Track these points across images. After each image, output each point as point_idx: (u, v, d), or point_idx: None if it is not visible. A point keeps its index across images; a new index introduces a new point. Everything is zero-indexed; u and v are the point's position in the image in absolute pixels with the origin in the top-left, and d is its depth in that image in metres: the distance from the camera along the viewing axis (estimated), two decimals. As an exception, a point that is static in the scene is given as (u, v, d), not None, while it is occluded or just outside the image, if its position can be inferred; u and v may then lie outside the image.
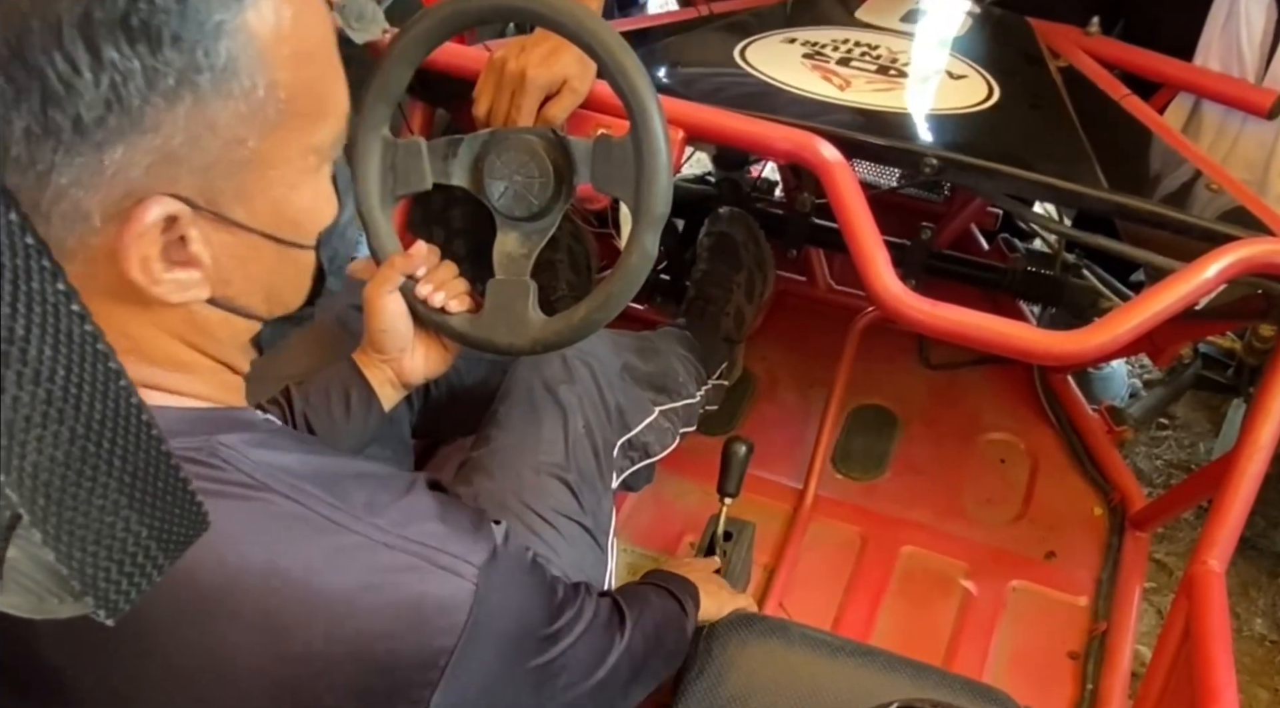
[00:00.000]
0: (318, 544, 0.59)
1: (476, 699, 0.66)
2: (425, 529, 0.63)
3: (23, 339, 0.32)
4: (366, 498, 0.62)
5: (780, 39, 1.42)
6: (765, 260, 1.60)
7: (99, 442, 0.34)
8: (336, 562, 0.59)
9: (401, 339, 0.99)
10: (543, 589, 0.74)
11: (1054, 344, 1.02)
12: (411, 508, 0.64)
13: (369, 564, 0.60)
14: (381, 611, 0.59)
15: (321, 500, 0.60)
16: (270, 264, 0.60)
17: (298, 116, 0.56)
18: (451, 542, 0.63)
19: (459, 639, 0.61)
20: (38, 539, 0.33)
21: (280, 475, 0.59)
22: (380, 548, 0.60)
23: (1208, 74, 1.42)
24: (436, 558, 0.61)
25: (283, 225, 0.59)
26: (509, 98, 1.04)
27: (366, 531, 0.60)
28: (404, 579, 0.60)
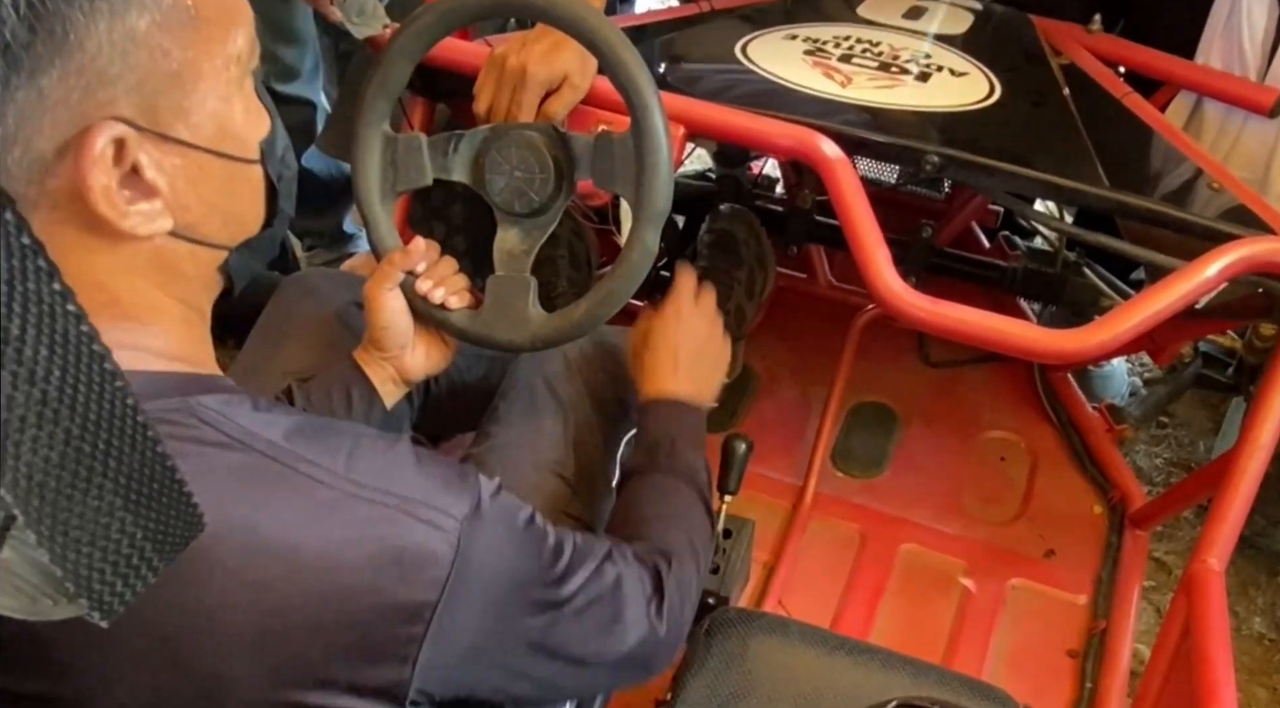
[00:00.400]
0: (297, 500, 0.59)
1: (468, 656, 0.66)
2: (405, 483, 0.63)
3: (18, 339, 0.31)
4: (346, 453, 0.62)
5: (782, 35, 1.42)
6: (766, 257, 1.59)
7: (94, 442, 0.34)
8: (316, 517, 0.59)
9: (402, 336, 0.98)
10: (538, 548, 0.72)
11: (1054, 342, 1.02)
12: (392, 462, 0.64)
13: (348, 518, 0.60)
14: (362, 565, 0.60)
15: (300, 457, 0.60)
16: (221, 183, 0.63)
17: (208, 23, 0.58)
18: (432, 495, 0.63)
19: (441, 593, 0.61)
20: (32, 540, 0.32)
21: (258, 434, 0.60)
22: (360, 502, 0.61)
23: (1209, 72, 1.41)
24: (416, 511, 0.62)
25: (225, 140, 0.62)
26: (510, 93, 1.04)
27: (345, 485, 0.61)
28: (383, 533, 0.60)
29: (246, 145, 0.65)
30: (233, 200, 0.65)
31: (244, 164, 0.65)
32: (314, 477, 0.60)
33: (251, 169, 0.66)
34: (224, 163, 0.63)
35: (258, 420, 0.61)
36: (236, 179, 0.65)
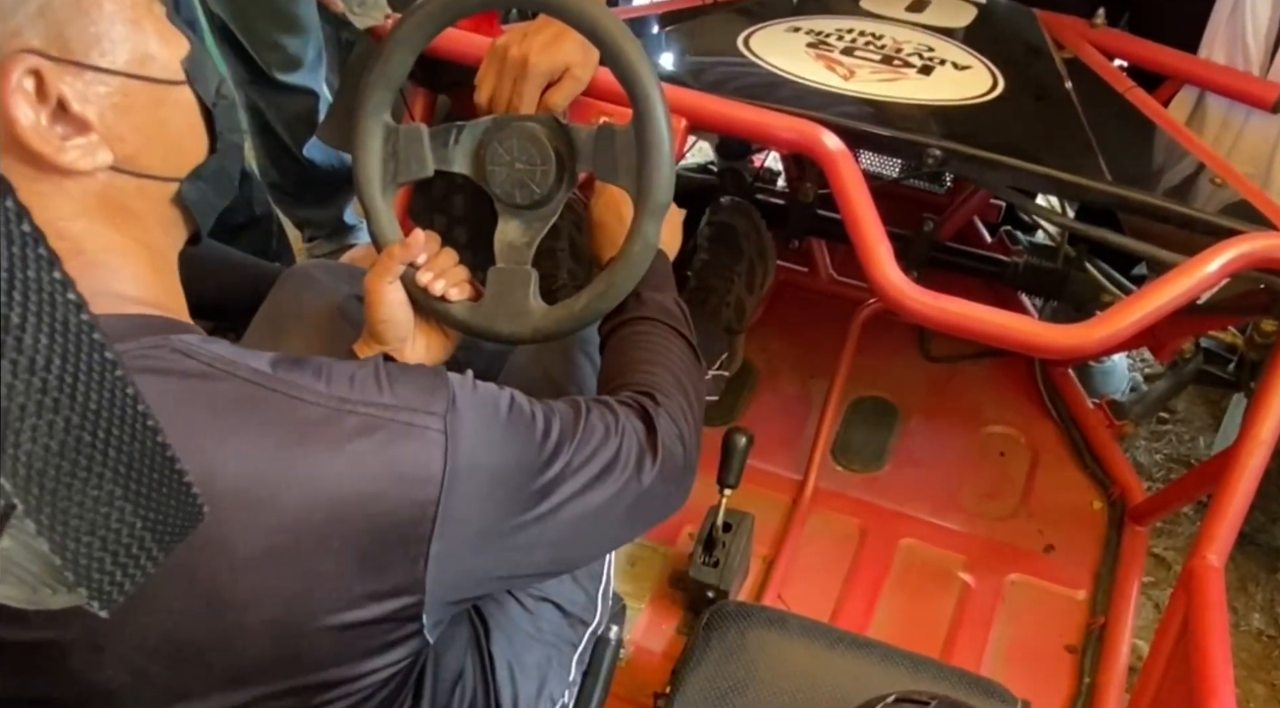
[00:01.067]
0: (282, 421, 0.61)
1: (478, 543, 0.67)
2: (384, 393, 0.65)
3: (18, 328, 0.31)
4: (325, 375, 0.64)
5: (784, 28, 1.41)
6: (767, 251, 1.59)
7: (94, 432, 0.34)
8: (306, 434, 0.61)
9: (402, 329, 0.98)
10: (526, 429, 0.73)
11: (1055, 338, 1.02)
12: (366, 378, 0.66)
13: (337, 432, 0.61)
14: (356, 475, 0.61)
15: (281, 380, 0.62)
16: (151, 109, 0.64)
17: None
18: (411, 399, 0.65)
19: (441, 488, 0.63)
20: (31, 529, 0.32)
21: (239, 362, 0.62)
22: (344, 415, 0.62)
23: (1213, 67, 1.41)
24: (399, 416, 0.63)
25: (145, 62, 0.63)
26: (511, 84, 1.04)
27: (329, 402, 0.62)
28: (372, 443, 0.62)
29: (168, 67, 0.65)
30: (167, 127, 0.66)
31: (170, 86, 0.65)
32: (298, 397, 0.62)
33: (180, 91, 0.66)
34: (149, 87, 0.63)
35: (237, 352, 0.63)
36: (166, 103, 0.65)
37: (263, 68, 1.83)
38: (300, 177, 2.02)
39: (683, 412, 0.87)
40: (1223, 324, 1.38)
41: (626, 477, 0.78)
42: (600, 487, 0.76)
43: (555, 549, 0.75)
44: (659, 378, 0.89)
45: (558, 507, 0.73)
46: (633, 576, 1.43)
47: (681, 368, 0.92)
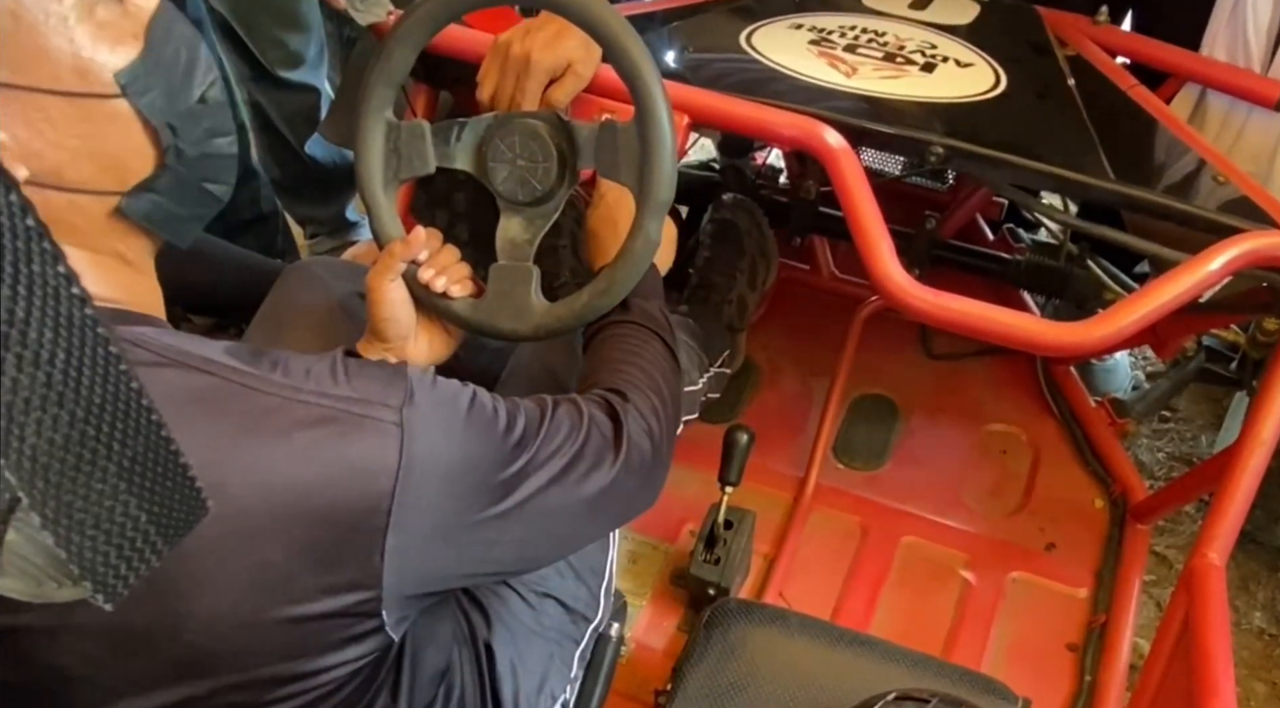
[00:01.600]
0: (233, 409, 0.60)
1: (435, 538, 0.66)
2: (340, 386, 0.63)
3: (23, 322, 0.31)
4: (281, 365, 0.63)
5: (787, 25, 1.41)
6: (768, 248, 1.59)
7: (99, 426, 0.34)
8: (255, 424, 0.60)
9: (404, 327, 0.98)
10: (487, 425, 0.71)
11: (1057, 335, 1.02)
12: (322, 370, 0.64)
13: (289, 422, 0.60)
14: (307, 466, 0.60)
15: (234, 369, 0.61)
16: (74, 124, 0.59)
17: None
18: (368, 392, 0.64)
19: (395, 481, 0.62)
20: (36, 523, 0.32)
21: (191, 352, 0.60)
22: (295, 405, 0.61)
23: (1215, 64, 1.41)
24: (353, 408, 0.62)
25: (63, 76, 0.58)
26: (513, 81, 1.04)
27: (279, 390, 0.61)
28: (324, 433, 0.61)
29: (94, 78, 0.60)
30: (99, 142, 0.61)
31: (99, 100, 0.60)
32: (250, 385, 0.60)
33: (112, 105, 0.61)
34: (70, 101, 0.59)
35: (191, 342, 0.61)
36: (95, 118, 0.60)
37: (264, 64, 1.83)
38: (302, 173, 2.02)
39: (654, 409, 0.86)
40: (1225, 322, 1.38)
41: (590, 471, 0.77)
42: (564, 482, 0.75)
43: (520, 546, 0.74)
44: (630, 376, 0.88)
45: (521, 503, 0.72)
46: (634, 573, 1.43)
47: (656, 368, 0.91)
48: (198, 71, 0.67)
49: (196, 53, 0.67)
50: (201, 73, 0.67)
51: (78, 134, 0.59)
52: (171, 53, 0.64)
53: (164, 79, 0.64)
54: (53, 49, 0.57)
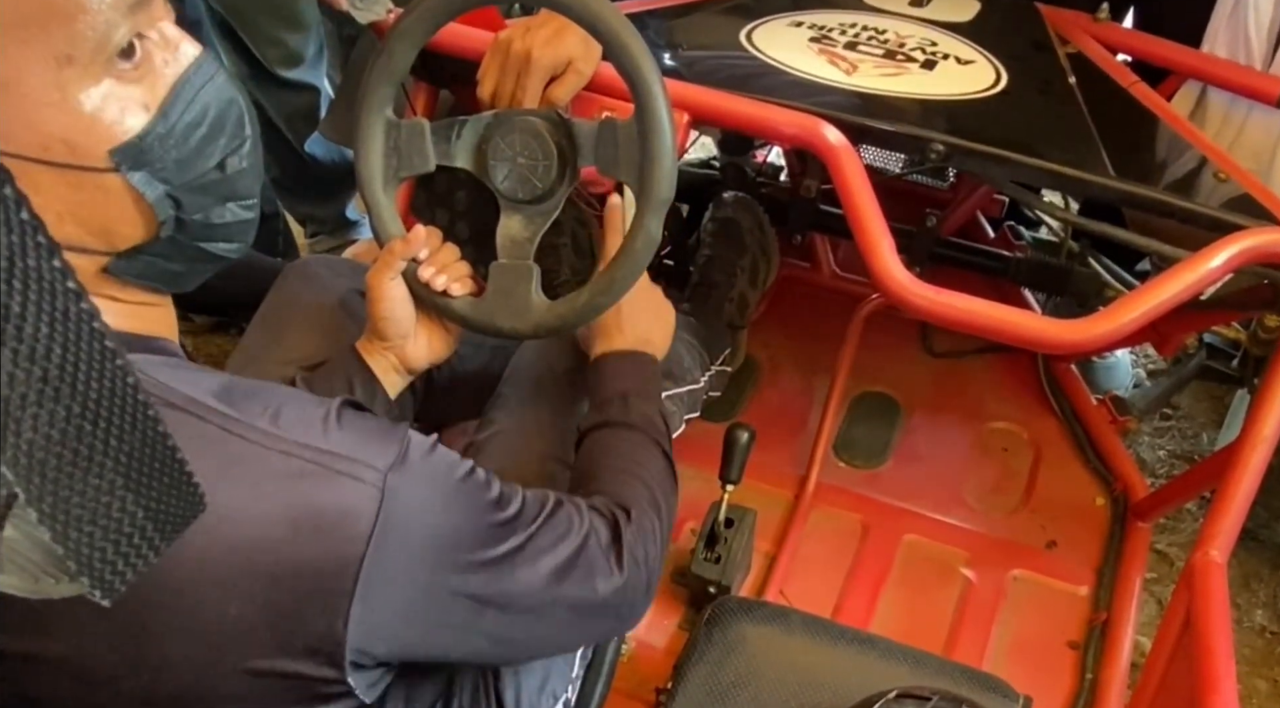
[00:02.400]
0: (208, 453, 0.56)
1: (404, 613, 0.63)
2: (325, 437, 0.60)
3: (19, 316, 0.31)
4: (270, 410, 0.60)
5: (787, 22, 1.41)
6: (770, 246, 1.59)
7: (95, 421, 0.34)
8: (229, 471, 0.57)
9: (404, 326, 0.98)
10: (476, 503, 0.68)
11: (1058, 333, 1.02)
12: (314, 417, 0.61)
13: (262, 471, 0.58)
14: (276, 520, 0.57)
15: (216, 412, 0.58)
16: (60, 192, 0.55)
17: (16, 25, 0.51)
18: (354, 448, 0.60)
19: (367, 547, 0.59)
20: (33, 518, 0.32)
21: (174, 388, 0.58)
22: (274, 454, 0.58)
23: (1216, 62, 1.41)
24: (334, 464, 0.59)
25: (51, 146, 0.54)
26: (514, 79, 1.04)
27: (260, 438, 0.58)
28: (299, 487, 0.58)
29: (88, 153, 0.55)
30: (86, 209, 0.57)
31: (84, 172, 0.56)
32: (227, 429, 0.58)
33: (104, 178, 0.56)
34: (58, 171, 0.55)
35: (179, 378, 0.58)
36: (84, 187, 0.56)
37: (264, 64, 1.83)
38: (302, 172, 2.02)
39: (653, 533, 0.83)
40: (1226, 319, 1.37)
41: (581, 581, 0.74)
42: (552, 583, 0.72)
43: (496, 638, 0.71)
44: (636, 492, 0.85)
45: (501, 592, 0.69)
46: (635, 571, 1.43)
47: (659, 487, 0.88)
48: (222, 137, 0.62)
49: (226, 114, 0.62)
50: (227, 138, 0.62)
51: (64, 202, 0.56)
52: (191, 119, 0.60)
53: (173, 149, 0.59)
54: (42, 119, 0.53)
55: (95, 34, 0.53)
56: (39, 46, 0.52)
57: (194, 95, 0.60)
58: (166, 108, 0.58)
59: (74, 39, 0.53)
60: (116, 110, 0.56)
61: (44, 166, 0.54)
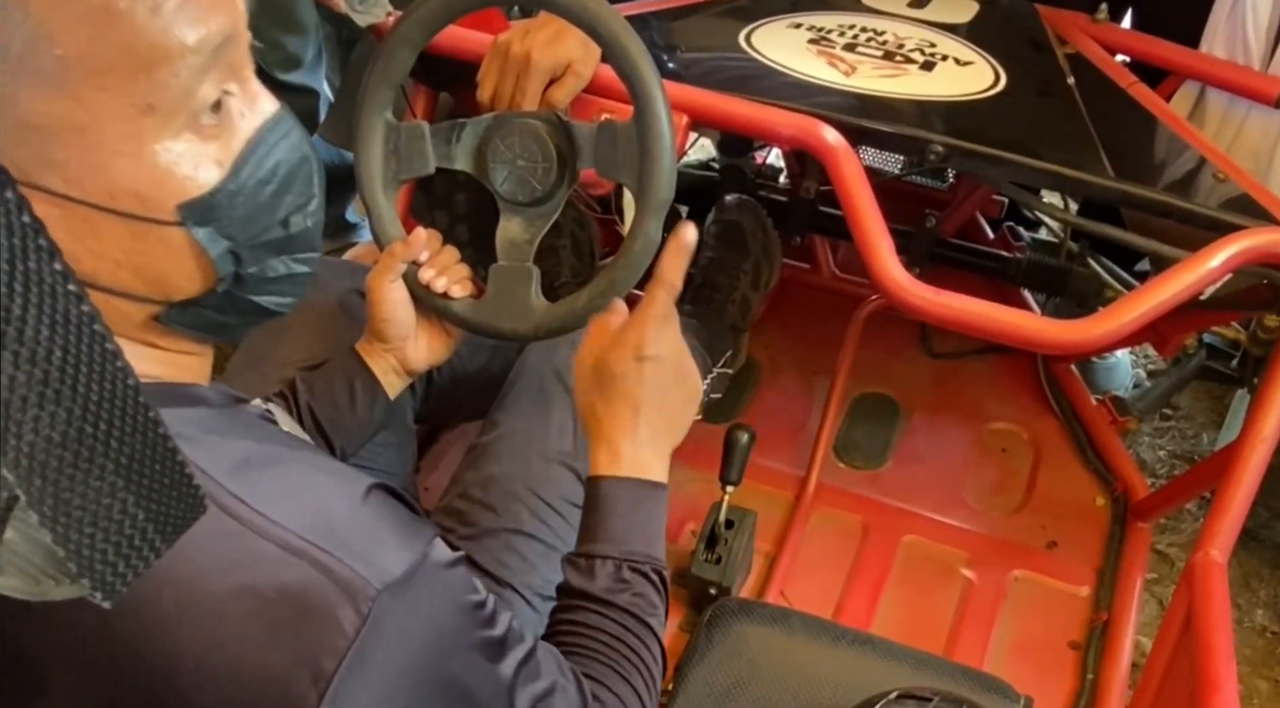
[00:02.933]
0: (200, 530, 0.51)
1: None
2: (335, 530, 0.56)
3: (19, 319, 0.31)
4: (285, 489, 0.56)
5: (786, 24, 1.41)
6: (773, 249, 1.59)
7: (96, 423, 0.34)
8: (219, 557, 0.53)
9: (404, 327, 0.98)
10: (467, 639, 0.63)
11: (1058, 333, 1.02)
12: (330, 506, 0.58)
13: (253, 564, 0.54)
14: (258, 619, 0.53)
15: (225, 491, 0.54)
16: (121, 241, 0.54)
17: (98, 73, 0.49)
18: (359, 551, 0.56)
19: (340, 662, 0.54)
20: (34, 521, 0.32)
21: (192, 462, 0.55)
22: (266, 542, 0.54)
23: (1215, 62, 1.41)
24: (333, 567, 0.54)
25: (119, 196, 0.52)
26: (513, 81, 1.04)
27: (258, 520, 0.54)
28: (285, 579, 0.54)
29: (156, 205, 0.54)
30: (144, 258, 0.55)
31: (149, 224, 0.54)
32: (226, 507, 0.54)
33: (169, 231, 0.54)
34: (121, 220, 0.53)
35: (198, 448, 0.55)
36: (146, 239, 0.54)
37: (263, 67, 1.82)
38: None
39: None
40: (1226, 319, 1.38)
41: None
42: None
43: None
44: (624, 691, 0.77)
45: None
46: (635, 573, 1.43)
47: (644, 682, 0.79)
48: (289, 194, 0.60)
49: (297, 172, 0.60)
50: (294, 195, 0.60)
51: (124, 250, 0.54)
52: (262, 176, 0.58)
53: (241, 207, 0.57)
54: (115, 168, 0.52)
55: (179, 84, 0.52)
56: (120, 94, 0.50)
57: (267, 152, 0.58)
58: (239, 165, 0.56)
59: (156, 89, 0.51)
60: (190, 165, 0.54)
61: (107, 214, 0.52)
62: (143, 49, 0.50)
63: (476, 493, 1.02)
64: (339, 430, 0.97)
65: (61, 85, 0.48)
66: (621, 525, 0.82)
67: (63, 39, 0.47)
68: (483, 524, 1.00)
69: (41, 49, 0.47)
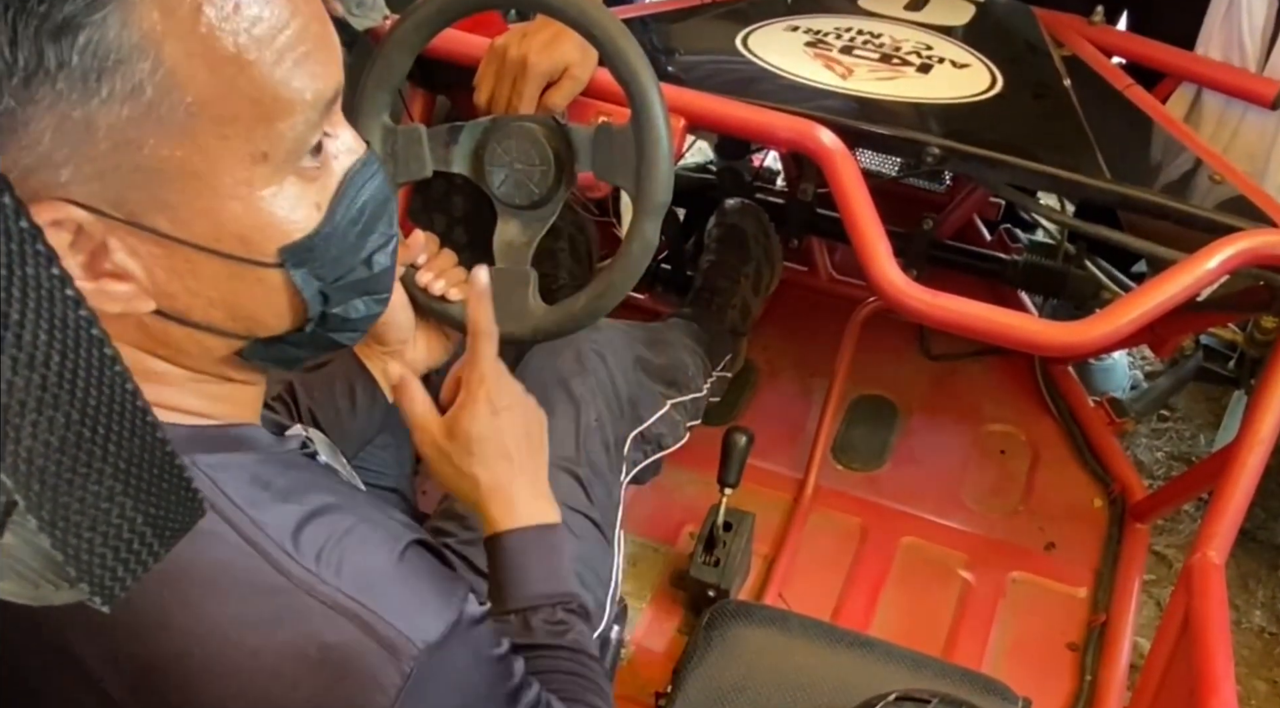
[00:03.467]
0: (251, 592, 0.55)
1: None
2: (376, 591, 0.57)
3: (17, 324, 0.31)
4: (325, 543, 0.57)
5: (783, 27, 1.41)
6: (774, 253, 1.60)
7: (94, 427, 0.34)
8: (265, 611, 0.55)
9: (403, 330, 0.99)
10: (499, 689, 0.66)
11: (1055, 335, 1.02)
12: (374, 563, 0.59)
13: (299, 620, 0.55)
14: (301, 676, 0.55)
15: (276, 545, 0.55)
16: (219, 280, 0.55)
17: (223, 122, 0.50)
18: (402, 611, 0.57)
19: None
20: (33, 525, 0.33)
21: (240, 512, 0.56)
22: (315, 605, 0.55)
23: (1211, 64, 1.41)
24: (376, 627, 0.56)
25: (224, 239, 0.53)
26: (510, 85, 1.04)
27: (310, 582, 0.55)
28: (333, 644, 0.55)
29: (259, 248, 0.55)
30: (242, 299, 0.56)
31: (251, 266, 0.55)
32: (275, 562, 0.55)
33: (269, 272, 0.56)
34: (222, 261, 0.54)
35: (251, 493, 0.56)
36: (244, 279, 0.55)
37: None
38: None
39: None
40: (1223, 321, 1.38)
41: None
42: None
43: None
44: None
45: None
46: (634, 575, 1.43)
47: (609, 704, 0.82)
48: (373, 234, 0.61)
49: (381, 212, 0.61)
50: (377, 235, 0.61)
51: (220, 289, 0.55)
52: (351, 216, 0.59)
53: (334, 248, 0.58)
54: (224, 212, 0.52)
55: (294, 135, 0.53)
56: (239, 142, 0.51)
57: (356, 193, 0.59)
58: (334, 206, 0.57)
59: (273, 138, 0.52)
60: (292, 208, 0.55)
61: (211, 255, 0.53)
62: (267, 101, 0.51)
63: None
64: (338, 434, 0.97)
65: (187, 132, 0.49)
66: (540, 572, 0.83)
67: (193, 88, 0.48)
68: (482, 529, 1.00)
69: (173, 97, 0.48)
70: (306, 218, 0.56)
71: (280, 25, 0.51)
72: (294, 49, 0.52)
